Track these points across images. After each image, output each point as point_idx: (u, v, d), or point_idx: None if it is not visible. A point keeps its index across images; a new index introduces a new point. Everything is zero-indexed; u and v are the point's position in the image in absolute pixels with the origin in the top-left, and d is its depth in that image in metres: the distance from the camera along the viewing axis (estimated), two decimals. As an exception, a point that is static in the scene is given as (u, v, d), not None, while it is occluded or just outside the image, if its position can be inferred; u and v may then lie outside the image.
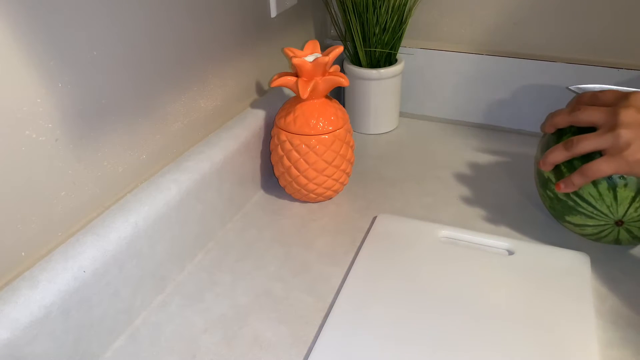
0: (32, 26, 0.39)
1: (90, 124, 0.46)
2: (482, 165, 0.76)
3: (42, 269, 0.42)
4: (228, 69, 0.65)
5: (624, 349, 0.48)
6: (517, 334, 0.48)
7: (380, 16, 0.77)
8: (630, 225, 0.54)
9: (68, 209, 0.46)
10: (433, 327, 0.49)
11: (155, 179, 0.54)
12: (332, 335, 0.48)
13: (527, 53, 0.82)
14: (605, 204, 0.54)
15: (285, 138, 0.64)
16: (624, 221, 0.54)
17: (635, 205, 0.53)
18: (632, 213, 0.53)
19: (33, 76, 0.40)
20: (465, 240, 0.60)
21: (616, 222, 0.54)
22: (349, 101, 0.86)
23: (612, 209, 0.54)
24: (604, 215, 0.55)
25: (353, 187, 0.72)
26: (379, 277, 0.55)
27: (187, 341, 0.49)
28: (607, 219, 0.55)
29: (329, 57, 0.61)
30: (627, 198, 0.53)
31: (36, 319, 0.40)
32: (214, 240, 0.62)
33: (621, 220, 0.54)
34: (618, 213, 0.54)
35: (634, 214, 0.53)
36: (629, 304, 0.52)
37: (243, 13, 0.66)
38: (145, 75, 0.52)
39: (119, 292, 0.48)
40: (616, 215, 0.54)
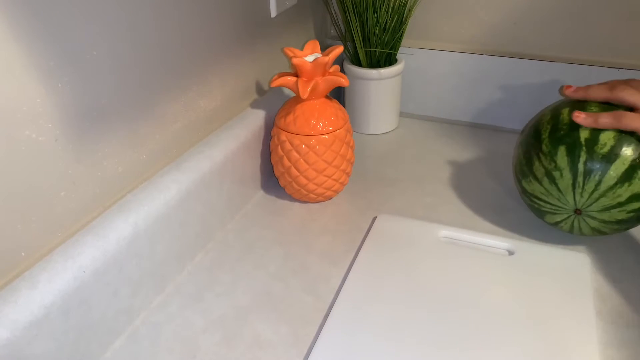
0: (32, 26, 0.39)
1: (90, 124, 0.46)
2: (482, 165, 0.76)
3: (42, 269, 0.42)
4: (228, 69, 0.65)
5: (624, 349, 0.48)
6: (517, 333, 0.48)
7: (380, 16, 0.77)
8: (589, 213, 0.55)
9: (68, 209, 0.46)
10: (433, 326, 0.49)
11: (155, 179, 0.54)
12: (332, 335, 0.48)
13: (527, 53, 0.82)
14: (554, 197, 0.56)
15: (285, 138, 0.64)
16: (581, 210, 0.55)
17: (579, 190, 0.54)
18: (582, 199, 0.55)
19: (33, 76, 0.40)
20: (465, 240, 0.60)
21: (575, 210, 0.56)
22: (349, 101, 0.86)
23: (562, 200, 0.56)
24: (560, 206, 0.57)
25: (353, 187, 0.72)
26: (379, 277, 0.55)
27: (187, 341, 0.49)
28: (566, 209, 0.57)
29: (329, 57, 0.61)
30: (568, 186, 0.55)
31: (36, 319, 0.40)
32: (214, 240, 0.62)
33: (579, 209, 0.55)
34: (569, 202, 0.56)
35: (584, 199, 0.54)
36: (629, 304, 0.52)
37: (243, 13, 0.66)
38: (145, 75, 0.52)
39: (119, 292, 0.48)
40: (571, 205, 0.56)
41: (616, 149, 0.53)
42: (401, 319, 0.50)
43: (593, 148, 0.53)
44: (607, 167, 0.53)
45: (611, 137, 0.53)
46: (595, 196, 0.54)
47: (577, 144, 0.54)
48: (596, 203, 0.54)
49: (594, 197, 0.54)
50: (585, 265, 0.55)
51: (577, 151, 0.54)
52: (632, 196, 0.53)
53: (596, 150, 0.53)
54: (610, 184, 0.53)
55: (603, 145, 0.53)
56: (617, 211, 0.54)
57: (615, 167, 0.52)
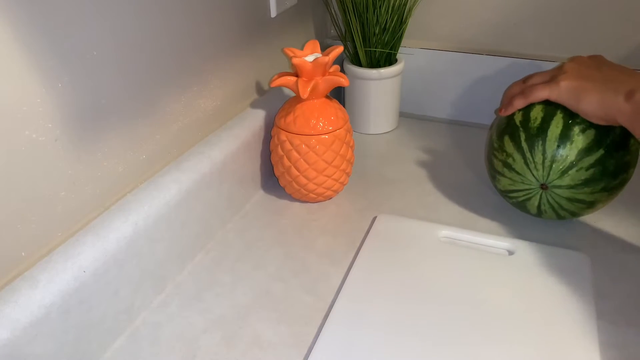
0: (33, 26, 0.39)
1: (90, 124, 0.46)
2: (482, 165, 0.76)
3: (42, 269, 0.42)
4: (228, 69, 0.65)
5: (624, 349, 0.48)
6: (517, 333, 0.48)
7: (380, 16, 0.77)
8: (549, 195, 0.58)
9: (68, 209, 0.46)
10: (433, 327, 0.49)
11: (155, 179, 0.54)
12: (332, 335, 0.48)
13: (527, 53, 0.82)
14: (518, 182, 0.59)
15: (285, 138, 0.64)
16: (548, 188, 0.58)
17: (532, 166, 0.57)
18: (539, 172, 0.57)
19: (33, 76, 0.40)
20: (465, 240, 0.60)
21: (542, 185, 0.58)
22: (349, 101, 0.86)
23: (525, 181, 0.59)
24: (528, 188, 0.59)
25: (353, 187, 0.72)
26: (379, 277, 0.55)
27: (187, 341, 0.49)
28: (533, 189, 0.59)
29: (329, 57, 0.61)
30: (523, 166, 0.58)
31: (36, 319, 0.40)
32: (214, 240, 0.62)
33: (543, 184, 0.58)
34: (532, 181, 0.58)
35: (541, 172, 0.57)
36: (629, 304, 0.52)
37: (243, 13, 0.66)
38: (145, 75, 0.52)
39: (119, 292, 0.48)
40: (534, 182, 0.58)
41: (546, 118, 0.57)
42: (401, 319, 0.50)
43: (527, 125, 0.58)
44: (545, 136, 0.57)
45: (539, 110, 0.58)
46: (548, 164, 0.57)
47: (514, 128, 0.59)
48: (552, 171, 0.57)
49: (547, 165, 0.57)
50: (585, 265, 0.55)
51: (517, 133, 0.59)
52: (580, 152, 0.56)
53: (531, 126, 0.58)
54: (553, 149, 0.56)
55: (534, 120, 0.58)
56: (576, 171, 0.56)
57: (551, 132, 0.56)
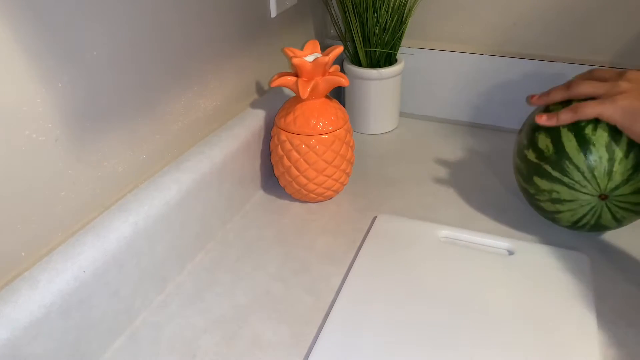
0: (33, 26, 0.39)
1: (90, 124, 0.46)
2: (482, 165, 0.76)
3: (42, 269, 0.42)
4: (228, 69, 0.65)
5: (624, 349, 0.48)
6: (517, 333, 0.48)
7: (380, 16, 0.77)
8: (610, 205, 0.54)
9: (68, 209, 0.46)
10: (433, 326, 0.49)
11: (155, 179, 0.54)
12: (332, 335, 0.48)
13: (527, 53, 0.82)
14: (587, 175, 0.54)
15: (285, 138, 0.64)
16: (609, 196, 0.54)
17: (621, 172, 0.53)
18: (620, 185, 0.53)
19: (33, 76, 0.40)
20: (465, 240, 0.60)
21: (600, 196, 0.54)
22: (349, 101, 0.86)
23: (595, 180, 0.54)
24: (595, 183, 0.54)
25: (353, 187, 0.72)
26: (379, 277, 0.55)
27: (187, 341, 0.49)
28: (595, 189, 0.54)
29: (329, 57, 0.61)
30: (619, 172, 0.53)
31: (36, 319, 0.40)
32: (214, 240, 0.62)
33: (607, 195, 0.54)
34: (610, 186, 0.53)
35: (622, 187, 0.53)
36: (629, 304, 0.52)
37: (243, 13, 0.66)
38: (145, 75, 0.52)
39: (119, 292, 0.48)
40: (608, 188, 0.54)
41: (555, 140, 0.55)
42: (401, 319, 0.50)
43: (544, 156, 0.56)
44: (566, 154, 0.54)
45: (544, 138, 0.56)
46: (590, 176, 0.54)
47: (536, 166, 0.57)
48: (598, 179, 0.53)
49: (590, 177, 0.54)
50: (585, 265, 0.55)
51: (541, 169, 0.56)
52: (607, 145, 0.53)
53: (547, 155, 0.56)
54: (583, 160, 0.54)
55: (547, 148, 0.56)
56: (619, 164, 0.53)
57: (569, 148, 0.54)
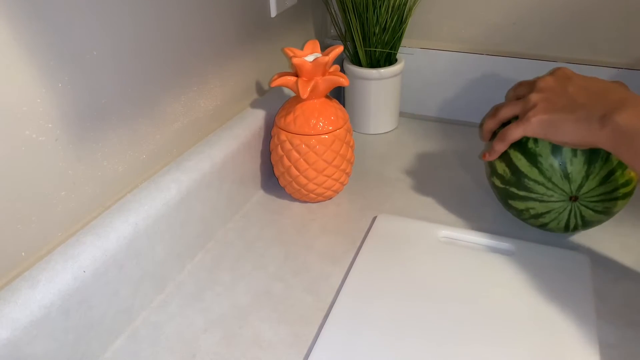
0: (32, 26, 0.39)
1: (90, 124, 0.46)
2: (482, 165, 0.76)
3: (42, 269, 0.42)
4: (228, 69, 0.65)
5: (624, 349, 0.48)
6: (517, 333, 0.48)
7: (380, 16, 0.77)
8: (585, 202, 0.55)
9: (68, 209, 0.46)
10: (433, 327, 0.49)
11: (155, 179, 0.54)
12: (332, 335, 0.48)
13: (527, 53, 0.82)
14: (554, 181, 0.55)
15: (285, 138, 0.64)
16: (579, 197, 0.54)
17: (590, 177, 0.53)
18: (589, 187, 0.53)
19: (33, 76, 0.40)
20: (465, 240, 0.60)
21: (570, 197, 0.55)
22: (349, 101, 0.86)
23: (563, 185, 0.54)
24: (558, 189, 0.55)
25: (353, 187, 0.72)
26: (379, 277, 0.55)
27: (187, 341, 0.49)
28: (562, 194, 0.55)
29: (329, 57, 0.61)
30: (580, 172, 0.53)
31: (36, 319, 0.40)
32: (214, 240, 0.62)
33: (575, 195, 0.54)
34: (572, 188, 0.54)
35: (590, 189, 0.54)
36: (629, 304, 0.52)
37: (243, 13, 0.66)
38: (145, 75, 0.52)
39: (119, 292, 0.48)
40: (572, 190, 0.54)
41: (514, 161, 0.57)
42: (401, 318, 0.50)
43: (513, 174, 0.57)
44: (527, 172, 0.56)
45: (500, 164, 0.58)
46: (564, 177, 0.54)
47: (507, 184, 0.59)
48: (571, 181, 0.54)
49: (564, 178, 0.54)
50: (585, 265, 0.55)
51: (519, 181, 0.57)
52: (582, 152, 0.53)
53: (507, 178, 0.58)
54: (557, 164, 0.54)
55: (505, 172, 0.58)
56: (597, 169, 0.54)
57: (539, 162, 0.55)
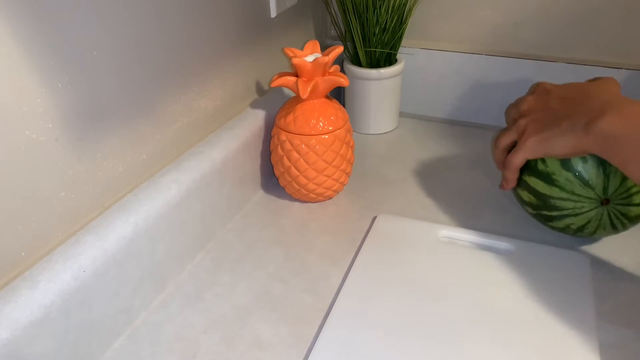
0: (32, 26, 0.39)
1: (90, 124, 0.46)
2: (482, 165, 0.76)
3: (42, 269, 0.42)
4: (228, 69, 0.65)
5: (624, 349, 0.48)
6: (517, 333, 0.48)
7: (380, 16, 0.77)
8: (618, 201, 0.54)
9: (68, 209, 0.46)
10: (433, 327, 0.49)
11: (155, 179, 0.54)
12: (332, 335, 0.48)
13: (527, 53, 0.82)
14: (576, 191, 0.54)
15: (285, 138, 0.64)
16: (610, 198, 0.54)
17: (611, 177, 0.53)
18: (616, 186, 0.53)
19: (33, 76, 0.40)
20: (465, 240, 0.60)
21: (602, 202, 0.54)
22: (349, 101, 0.86)
23: (587, 190, 0.54)
24: (585, 199, 0.54)
25: (353, 187, 0.72)
26: (379, 277, 0.55)
27: (187, 341, 0.49)
28: (590, 202, 0.54)
29: (329, 57, 0.61)
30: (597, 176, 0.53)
31: (36, 319, 0.40)
32: (214, 240, 0.62)
33: (607, 198, 0.54)
34: (598, 192, 0.54)
35: (618, 187, 0.53)
36: (629, 304, 0.52)
37: (243, 13, 0.66)
38: (145, 75, 0.52)
39: (119, 292, 0.48)
40: (599, 194, 0.54)
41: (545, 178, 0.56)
42: (401, 319, 0.50)
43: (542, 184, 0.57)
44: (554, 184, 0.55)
45: (528, 186, 0.58)
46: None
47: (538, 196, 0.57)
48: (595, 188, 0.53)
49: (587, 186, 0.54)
50: (585, 265, 0.55)
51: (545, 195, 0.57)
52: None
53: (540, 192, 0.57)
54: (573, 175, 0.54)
55: (535, 186, 0.57)
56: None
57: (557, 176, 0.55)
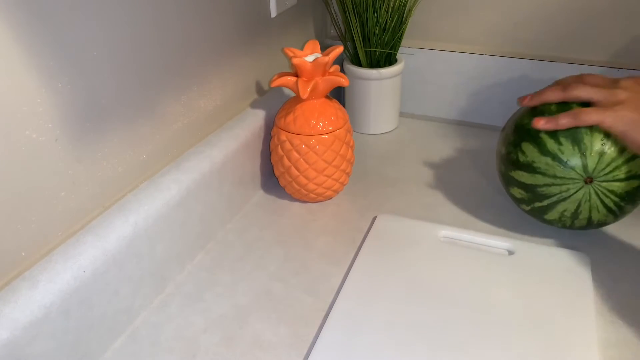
0: (32, 26, 0.39)
1: (90, 124, 0.46)
2: (482, 165, 0.76)
3: (42, 269, 0.42)
4: (228, 69, 0.65)
5: (624, 349, 0.48)
6: (517, 333, 0.48)
7: (380, 16, 0.77)
8: (602, 178, 0.54)
9: (68, 209, 0.46)
10: (433, 326, 0.49)
11: (155, 179, 0.54)
12: (332, 335, 0.48)
13: (527, 53, 0.82)
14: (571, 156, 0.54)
15: (285, 138, 0.64)
16: (593, 177, 0.54)
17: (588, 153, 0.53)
18: (601, 166, 0.53)
19: (33, 76, 0.40)
20: (465, 240, 0.60)
21: (585, 180, 0.54)
22: (349, 101, 0.86)
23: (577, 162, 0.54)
24: (568, 180, 0.54)
25: (353, 187, 0.72)
26: (379, 277, 0.55)
27: (187, 341, 0.49)
28: (574, 182, 0.54)
29: (329, 57, 0.61)
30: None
31: (36, 319, 0.40)
32: (214, 240, 0.62)
33: (589, 177, 0.54)
34: (578, 171, 0.54)
35: (604, 166, 0.53)
36: (629, 304, 0.52)
37: (243, 13, 0.66)
38: (145, 75, 0.52)
39: (119, 292, 0.48)
40: (580, 173, 0.54)
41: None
42: (401, 319, 0.50)
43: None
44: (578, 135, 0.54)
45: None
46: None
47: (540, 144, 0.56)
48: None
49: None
50: (585, 265, 0.55)
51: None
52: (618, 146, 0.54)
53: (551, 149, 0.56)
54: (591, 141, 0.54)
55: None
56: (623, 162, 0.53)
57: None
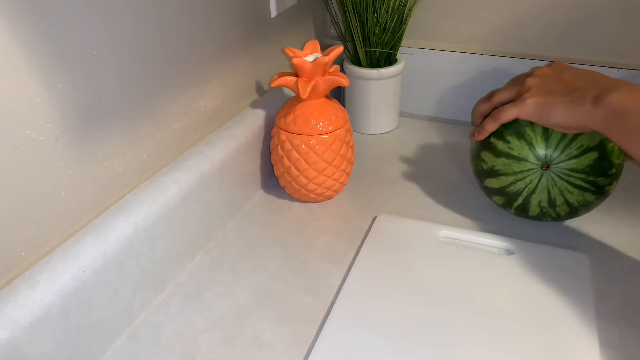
0: (33, 26, 0.39)
1: (90, 124, 0.46)
2: (482, 165, 0.76)
3: (42, 269, 0.42)
4: (228, 69, 0.65)
5: (624, 349, 0.48)
6: (517, 333, 0.48)
7: (380, 16, 0.77)
8: (557, 162, 0.56)
9: (68, 209, 0.46)
10: (433, 327, 0.49)
11: (155, 179, 0.54)
12: (332, 335, 0.48)
13: (527, 53, 0.82)
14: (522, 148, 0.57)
15: (285, 138, 0.64)
16: (548, 162, 0.56)
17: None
18: (556, 153, 0.56)
19: (33, 76, 0.40)
20: (465, 240, 0.60)
21: (542, 166, 0.56)
22: (349, 101, 0.86)
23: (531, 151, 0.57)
24: (527, 172, 0.57)
25: (353, 187, 0.72)
26: (379, 277, 0.55)
27: (187, 341, 0.49)
28: (533, 172, 0.57)
29: (329, 57, 0.61)
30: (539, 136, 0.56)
31: (36, 319, 0.40)
32: (214, 240, 0.62)
33: (545, 163, 0.56)
34: (532, 161, 0.57)
35: (559, 153, 0.56)
36: (629, 304, 0.52)
37: (243, 13, 0.66)
38: (145, 75, 0.52)
39: (119, 292, 0.48)
40: (534, 162, 0.57)
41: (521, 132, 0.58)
42: (401, 318, 0.50)
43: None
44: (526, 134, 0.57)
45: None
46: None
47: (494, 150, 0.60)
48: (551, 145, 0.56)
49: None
50: (585, 265, 0.55)
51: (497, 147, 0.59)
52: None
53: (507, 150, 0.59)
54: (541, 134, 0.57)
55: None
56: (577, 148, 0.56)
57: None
